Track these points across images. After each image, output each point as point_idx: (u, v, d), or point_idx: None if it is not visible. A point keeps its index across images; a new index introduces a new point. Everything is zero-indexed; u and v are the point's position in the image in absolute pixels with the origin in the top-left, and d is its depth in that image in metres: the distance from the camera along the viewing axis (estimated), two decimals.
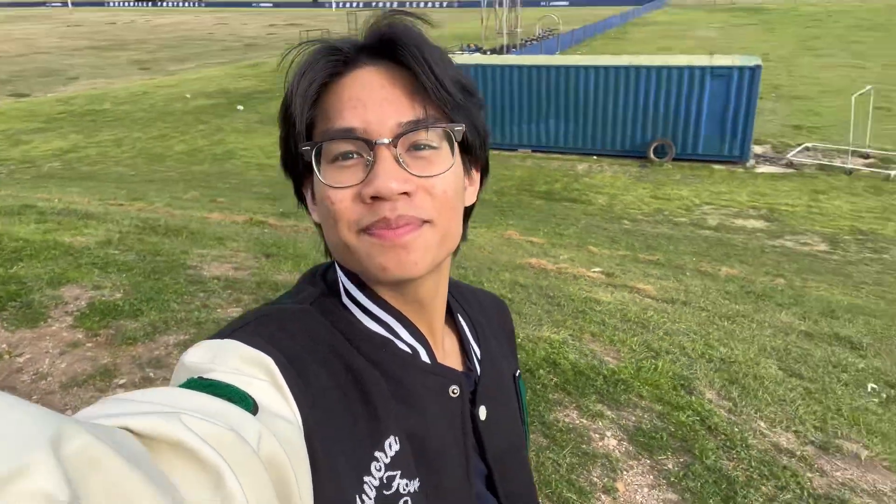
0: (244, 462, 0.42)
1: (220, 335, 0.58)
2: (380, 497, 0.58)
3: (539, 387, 3.24)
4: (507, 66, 16.24)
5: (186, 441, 0.39)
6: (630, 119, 15.22)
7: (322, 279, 0.72)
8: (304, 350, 0.60)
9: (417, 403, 0.65)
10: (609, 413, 3.08)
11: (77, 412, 0.43)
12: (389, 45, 0.64)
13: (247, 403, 0.48)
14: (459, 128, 0.64)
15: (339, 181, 0.62)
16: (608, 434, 2.91)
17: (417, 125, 0.62)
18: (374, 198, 0.60)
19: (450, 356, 0.75)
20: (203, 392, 0.48)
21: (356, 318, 0.67)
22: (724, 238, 10.59)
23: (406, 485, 0.60)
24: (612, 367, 3.53)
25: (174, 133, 18.87)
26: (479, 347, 0.79)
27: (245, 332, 0.58)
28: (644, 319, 4.73)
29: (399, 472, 0.60)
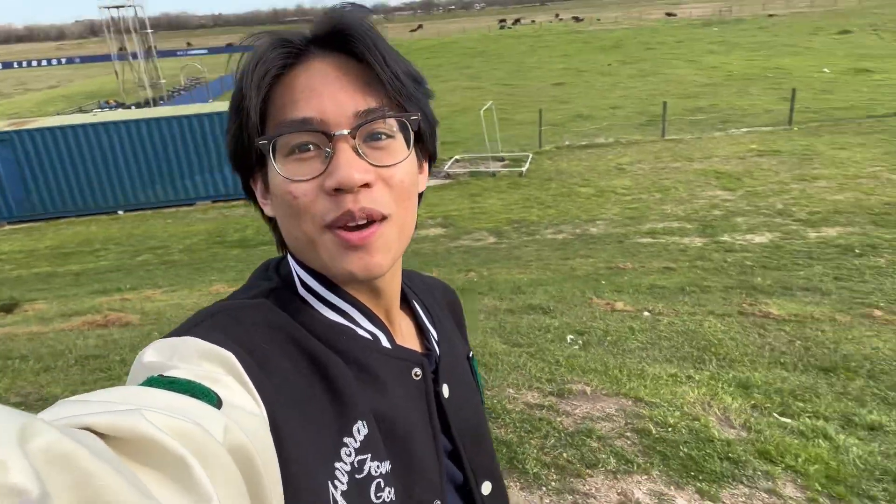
0: (211, 454, 0.41)
1: (177, 333, 0.57)
2: (352, 481, 0.59)
3: None
4: (164, 119, 15.35)
5: (149, 434, 0.38)
6: None
7: (276, 272, 0.71)
8: (265, 342, 0.59)
9: (382, 387, 0.66)
10: None
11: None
12: (341, 37, 0.63)
13: (210, 398, 0.47)
14: (415, 117, 0.65)
15: (299, 174, 0.61)
16: None
17: (375, 114, 0.62)
18: (337, 190, 0.60)
19: (408, 339, 0.77)
20: (165, 389, 0.47)
21: (314, 309, 0.67)
22: (416, 248, 11.64)
23: (377, 467, 0.61)
24: None
25: None
26: (436, 330, 0.81)
27: (203, 329, 0.57)
28: None
29: (369, 455, 0.61)
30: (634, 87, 26.61)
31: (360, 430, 0.61)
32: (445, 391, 0.75)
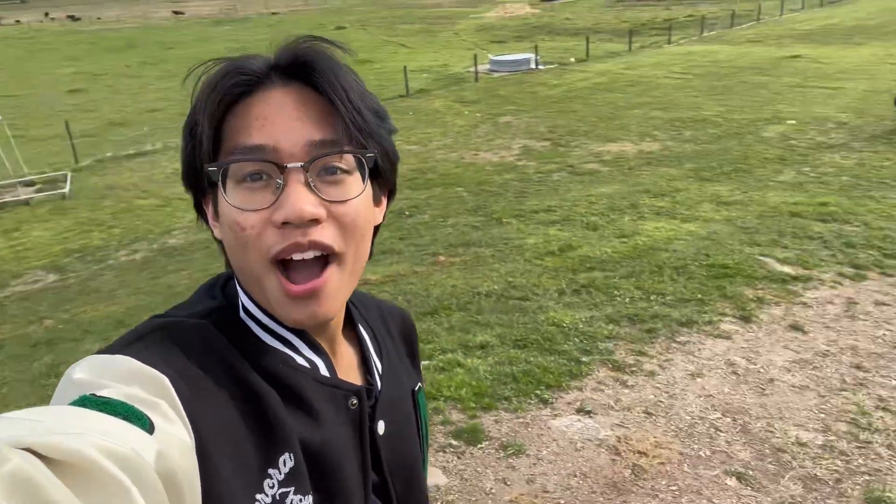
0: (147, 481, 0.42)
1: (113, 350, 0.56)
2: None
3: None
4: None
5: (93, 459, 0.39)
6: None
7: (221, 291, 0.69)
8: (200, 367, 0.59)
9: (315, 417, 0.66)
10: None
11: None
12: (303, 68, 0.63)
13: (143, 422, 0.47)
14: (371, 154, 0.64)
15: (248, 204, 0.60)
16: None
17: (330, 147, 0.61)
18: (285, 223, 0.59)
19: (350, 370, 0.76)
20: (98, 410, 0.46)
21: (254, 334, 0.67)
22: None
23: (300, 500, 0.61)
24: None
25: None
26: (381, 362, 0.80)
27: (136, 348, 0.57)
28: None
29: (293, 489, 0.60)
30: (169, 89, 25.47)
31: (286, 462, 0.61)
32: (381, 427, 0.74)
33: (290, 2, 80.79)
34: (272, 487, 0.58)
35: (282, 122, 0.61)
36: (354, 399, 0.71)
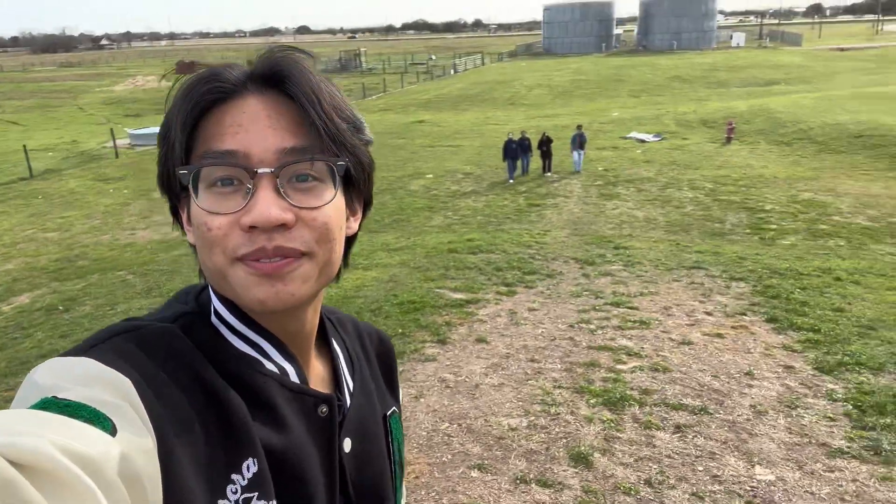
0: (110, 485, 0.42)
1: (76, 352, 0.56)
2: None
3: None
4: None
5: (56, 462, 0.39)
6: None
7: (195, 298, 0.69)
8: (164, 370, 0.58)
9: (282, 423, 0.65)
10: None
11: None
12: (278, 77, 0.63)
13: (105, 425, 0.47)
14: (342, 163, 0.64)
15: (217, 207, 0.61)
16: None
17: (301, 154, 0.62)
18: (252, 227, 0.60)
19: (320, 383, 0.75)
20: (61, 413, 0.46)
21: (224, 338, 0.66)
22: None
23: None
24: None
25: None
26: (353, 380, 0.79)
27: (100, 351, 0.56)
28: None
29: (256, 494, 0.60)
30: None
31: (250, 468, 0.60)
32: (347, 445, 0.73)
33: None
34: (235, 493, 0.58)
35: (254, 130, 0.61)
36: (324, 407, 0.70)
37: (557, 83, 40.05)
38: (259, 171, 0.60)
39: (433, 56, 73.50)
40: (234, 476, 0.58)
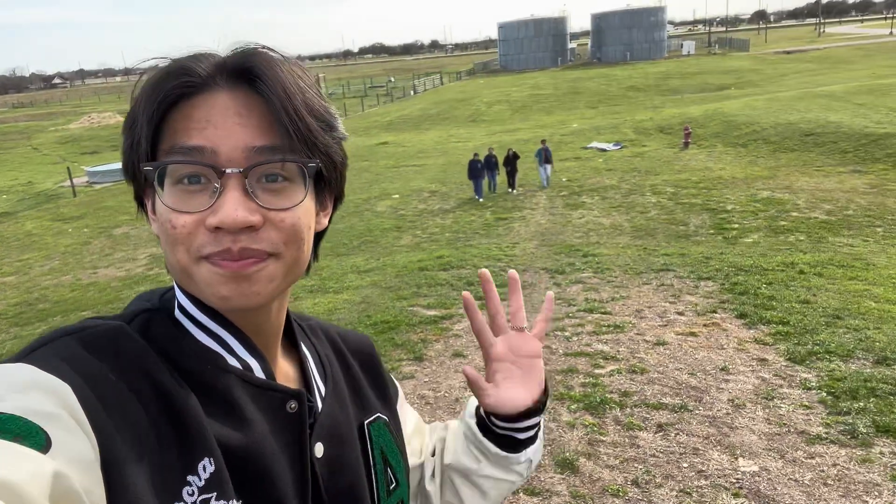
0: None
1: (14, 358, 0.54)
2: None
3: None
4: None
5: None
6: None
7: (159, 297, 0.68)
8: (110, 372, 0.56)
9: (242, 419, 0.63)
10: None
11: None
12: (250, 74, 0.61)
13: (37, 440, 0.45)
14: (313, 164, 0.62)
15: (183, 206, 0.59)
16: None
17: (272, 154, 0.60)
18: (218, 228, 0.58)
19: (289, 384, 0.72)
20: None
21: (187, 333, 0.65)
22: None
23: None
24: None
25: None
26: (325, 385, 0.76)
27: (40, 355, 0.54)
28: None
29: (214, 494, 0.57)
30: None
31: (206, 468, 0.57)
32: (319, 450, 0.70)
33: None
34: (192, 495, 0.56)
35: (223, 126, 0.59)
36: (293, 403, 0.67)
37: (516, 98, 40.63)
38: (227, 171, 0.58)
39: (392, 78, 74.00)
40: (190, 477, 0.56)
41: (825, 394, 4.45)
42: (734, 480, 3.56)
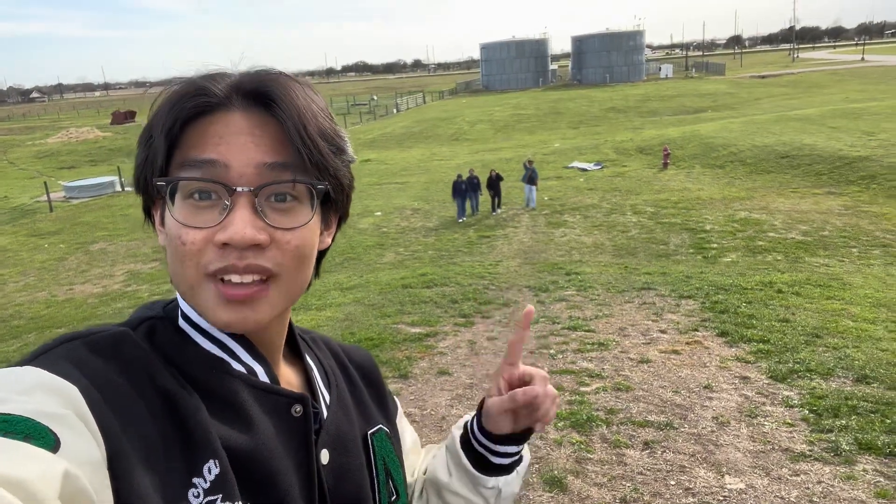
0: None
1: (21, 362, 0.55)
2: None
3: None
4: None
5: None
6: None
7: (163, 307, 0.69)
8: (115, 375, 0.57)
9: (248, 422, 0.64)
10: None
11: None
12: (266, 98, 0.63)
13: (46, 440, 0.45)
14: (322, 186, 0.64)
15: (193, 221, 0.60)
16: None
17: (282, 170, 0.62)
18: (226, 244, 0.60)
19: (294, 389, 0.73)
20: None
21: (191, 339, 0.66)
22: None
23: None
24: None
25: None
26: (329, 393, 0.77)
27: (48, 359, 0.55)
28: None
29: (220, 496, 0.58)
30: None
31: (212, 470, 0.58)
32: (324, 457, 0.71)
33: None
34: (197, 497, 0.56)
35: (236, 143, 0.61)
36: (298, 406, 0.68)
37: (499, 118, 40.98)
38: (238, 189, 0.60)
39: (375, 97, 74.32)
40: (196, 479, 0.57)
41: (807, 412, 4.50)
42: (721, 498, 3.57)
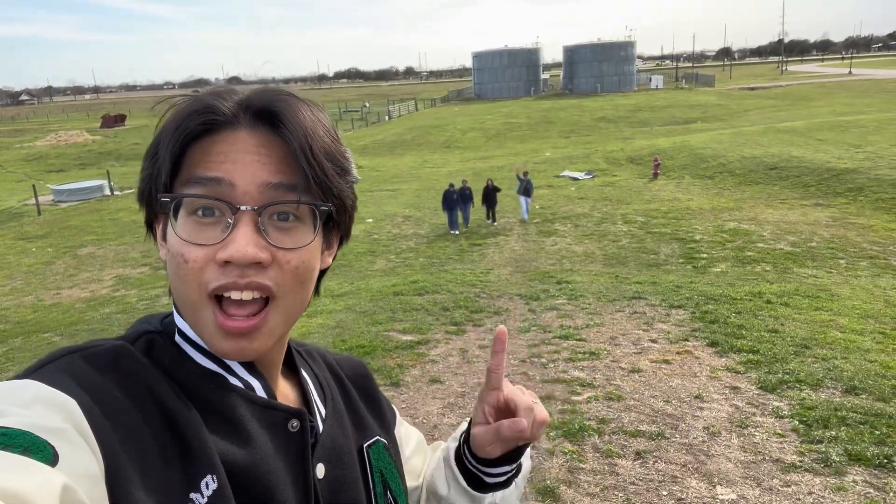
0: None
1: (20, 375, 0.55)
2: None
3: None
4: None
5: None
6: None
7: (160, 321, 0.69)
8: (115, 389, 0.57)
9: (246, 437, 0.64)
10: None
11: None
12: (273, 118, 0.63)
13: (45, 454, 0.45)
14: (325, 208, 0.64)
15: (196, 238, 0.61)
16: None
17: (286, 191, 0.62)
18: (228, 262, 0.60)
19: (290, 404, 0.73)
20: None
21: (187, 355, 0.66)
22: None
23: None
24: None
25: None
26: (325, 406, 0.77)
27: (47, 372, 0.55)
28: None
29: None
30: None
31: (209, 485, 0.58)
32: (320, 471, 0.71)
33: None
34: None
35: (242, 161, 0.62)
36: (295, 421, 0.68)
37: (490, 126, 41.11)
38: (241, 209, 0.60)
39: (367, 103, 74.33)
40: (193, 495, 0.56)
41: (797, 422, 4.53)
42: None
